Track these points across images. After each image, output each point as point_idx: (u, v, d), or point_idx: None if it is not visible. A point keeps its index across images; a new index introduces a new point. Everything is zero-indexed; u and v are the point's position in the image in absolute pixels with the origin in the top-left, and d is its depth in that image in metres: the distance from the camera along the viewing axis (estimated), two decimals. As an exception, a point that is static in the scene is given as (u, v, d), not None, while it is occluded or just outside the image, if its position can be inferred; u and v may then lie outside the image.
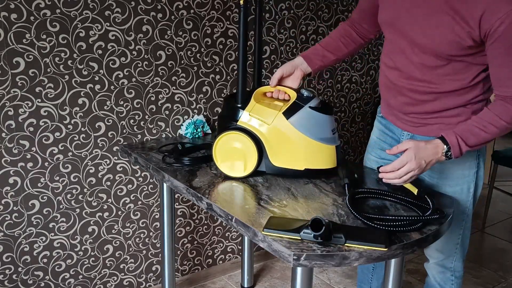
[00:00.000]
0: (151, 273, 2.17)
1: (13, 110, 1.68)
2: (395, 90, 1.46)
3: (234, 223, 1.24)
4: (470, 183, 1.48)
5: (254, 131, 1.45)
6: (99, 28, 1.78)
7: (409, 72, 1.39)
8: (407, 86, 1.41)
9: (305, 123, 1.43)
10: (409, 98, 1.43)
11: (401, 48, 1.39)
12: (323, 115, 1.45)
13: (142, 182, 2.03)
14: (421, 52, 1.35)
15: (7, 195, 1.75)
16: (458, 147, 1.29)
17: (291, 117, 1.43)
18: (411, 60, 1.38)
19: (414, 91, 1.41)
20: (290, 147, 1.44)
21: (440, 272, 1.62)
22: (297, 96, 1.47)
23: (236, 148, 1.47)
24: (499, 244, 2.86)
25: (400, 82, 1.43)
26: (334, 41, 1.60)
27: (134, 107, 1.93)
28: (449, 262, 1.59)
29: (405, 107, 1.46)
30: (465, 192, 1.49)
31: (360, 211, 1.20)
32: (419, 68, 1.37)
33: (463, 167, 1.46)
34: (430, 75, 1.36)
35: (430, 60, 1.34)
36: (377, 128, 1.67)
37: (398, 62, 1.42)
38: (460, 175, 1.47)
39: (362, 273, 1.84)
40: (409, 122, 1.49)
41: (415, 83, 1.39)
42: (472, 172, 1.47)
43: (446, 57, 1.32)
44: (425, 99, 1.41)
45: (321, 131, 1.45)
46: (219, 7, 2.04)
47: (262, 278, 2.42)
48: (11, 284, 1.83)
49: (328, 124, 1.46)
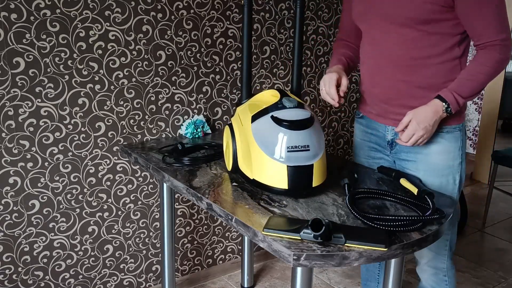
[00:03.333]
0: (151, 273, 2.17)
1: (13, 110, 1.68)
2: (378, 76, 1.51)
3: (234, 223, 1.24)
4: (455, 174, 1.53)
5: (234, 128, 1.48)
6: (99, 28, 1.78)
7: (388, 50, 1.46)
8: (389, 66, 1.47)
9: (260, 132, 1.34)
10: (392, 81, 1.48)
11: (378, 30, 1.47)
12: (279, 128, 1.30)
13: (142, 182, 2.03)
14: (397, 27, 1.42)
15: (7, 195, 1.75)
16: (455, 101, 1.40)
17: (254, 122, 1.37)
18: (388, 39, 1.45)
19: (397, 71, 1.46)
20: (248, 152, 1.39)
21: (433, 274, 1.62)
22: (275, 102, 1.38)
23: (227, 142, 1.54)
24: (499, 244, 2.86)
25: (382, 63, 1.49)
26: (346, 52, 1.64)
27: (134, 107, 1.93)
28: (440, 262, 1.60)
29: (390, 93, 1.50)
30: (451, 184, 1.53)
31: (360, 211, 1.20)
32: (399, 45, 1.43)
33: (447, 158, 1.51)
34: (409, 51, 1.43)
35: (406, 33, 1.41)
36: (359, 130, 1.70)
37: (377, 46, 1.49)
38: (445, 166, 1.51)
39: (367, 271, 1.83)
40: (392, 114, 1.52)
41: (396, 61, 1.45)
42: (457, 163, 1.52)
43: (420, 25, 1.38)
44: (408, 80, 1.46)
45: (272, 144, 1.30)
46: (219, 7, 2.04)
47: (262, 278, 2.42)
48: (11, 284, 1.83)
49: (285, 139, 1.29)
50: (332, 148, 2.69)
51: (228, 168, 1.53)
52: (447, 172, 1.52)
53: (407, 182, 1.39)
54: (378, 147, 1.64)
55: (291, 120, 1.31)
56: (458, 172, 1.53)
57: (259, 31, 2.19)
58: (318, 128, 1.37)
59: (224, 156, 1.60)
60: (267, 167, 1.32)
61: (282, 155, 1.30)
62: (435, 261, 1.60)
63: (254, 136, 1.35)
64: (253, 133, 1.35)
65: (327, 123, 2.61)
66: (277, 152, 1.30)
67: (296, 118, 1.32)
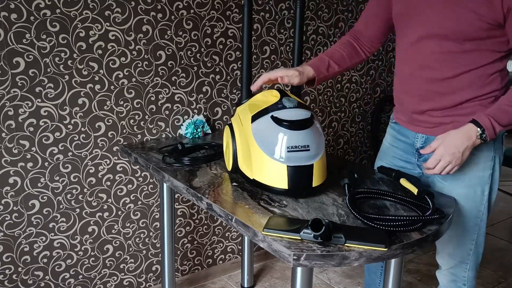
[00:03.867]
0: (151, 273, 2.17)
1: (13, 110, 1.68)
2: (411, 84, 1.44)
3: (234, 223, 1.24)
4: (484, 186, 1.44)
5: (234, 128, 1.47)
6: (99, 28, 1.78)
7: (425, 61, 1.38)
8: (424, 76, 1.39)
9: (260, 132, 1.34)
10: (425, 91, 1.40)
11: (417, 37, 1.38)
12: (279, 128, 1.30)
13: (142, 182, 2.03)
14: (437, 38, 1.33)
15: (7, 195, 1.75)
16: (492, 128, 1.29)
17: (254, 122, 1.37)
18: (427, 49, 1.36)
19: (431, 82, 1.38)
20: (248, 152, 1.39)
21: (452, 281, 1.56)
22: (275, 102, 1.38)
23: (227, 142, 1.53)
24: (499, 244, 2.86)
25: (417, 73, 1.41)
26: (337, 52, 1.58)
27: (134, 107, 1.93)
28: (461, 270, 1.54)
29: (421, 103, 1.43)
30: (478, 195, 1.44)
31: (360, 211, 1.20)
32: (436, 56, 1.35)
33: (477, 169, 1.41)
34: (447, 63, 1.35)
35: (447, 46, 1.33)
36: (390, 134, 1.63)
37: (413, 53, 1.40)
38: (473, 176, 1.42)
39: (369, 277, 1.80)
40: (424, 123, 1.46)
41: (432, 72, 1.37)
42: (487, 174, 1.43)
43: (463, 41, 1.30)
44: (442, 91, 1.38)
45: (272, 144, 1.31)
46: (219, 7, 2.04)
47: (262, 278, 2.42)
48: (11, 284, 1.83)
49: (285, 139, 1.30)
50: (332, 148, 2.69)
51: (228, 168, 1.53)
52: (475, 183, 1.43)
53: (407, 182, 1.39)
54: (404, 154, 1.57)
55: (291, 120, 1.31)
56: (488, 183, 1.44)
57: (259, 31, 2.19)
58: (318, 128, 1.37)
59: (224, 156, 1.60)
60: (267, 167, 1.32)
61: (282, 155, 1.30)
62: (457, 268, 1.54)
63: (254, 136, 1.35)
64: (253, 133, 1.35)
65: (327, 123, 2.61)
66: (277, 152, 1.30)
67: (296, 118, 1.32)
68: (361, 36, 1.62)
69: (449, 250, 1.53)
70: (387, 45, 2.74)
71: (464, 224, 1.47)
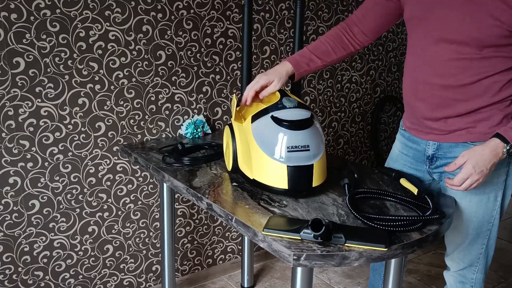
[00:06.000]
0: (151, 273, 2.17)
1: (13, 110, 1.68)
2: (424, 91, 1.38)
3: (234, 223, 1.24)
4: (498, 191, 1.41)
5: (234, 128, 1.47)
6: (99, 28, 1.78)
7: (441, 67, 1.33)
8: (439, 82, 1.34)
9: (260, 132, 1.34)
10: (441, 98, 1.35)
11: (432, 42, 1.33)
12: (279, 128, 1.31)
13: (142, 182, 2.03)
14: (455, 44, 1.29)
15: (7, 195, 1.75)
16: None
17: (254, 122, 1.37)
18: (444, 54, 1.32)
19: (446, 89, 1.34)
20: (248, 152, 1.39)
21: (460, 282, 1.55)
22: (275, 102, 1.38)
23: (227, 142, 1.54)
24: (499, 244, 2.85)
25: (431, 80, 1.35)
26: (322, 45, 1.53)
27: (134, 107, 1.93)
28: (470, 272, 1.52)
29: (436, 110, 1.38)
30: (491, 201, 1.42)
31: (360, 211, 1.20)
32: (453, 62, 1.31)
33: (491, 175, 1.35)
34: (464, 70, 1.30)
35: (465, 52, 1.28)
36: (399, 141, 1.58)
37: (429, 59, 1.35)
38: (487, 183, 1.37)
39: (374, 277, 1.78)
40: (436, 130, 1.41)
41: (448, 79, 1.33)
42: (501, 180, 1.40)
43: (482, 47, 1.27)
44: (458, 98, 1.34)
45: (272, 144, 1.31)
46: (219, 7, 2.04)
47: (262, 278, 2.42)
48: (11, 284, 1.83)
49: (285, 139, 1.30)
50: (332, 148, 2.69)
51: (228, 168, 1.53)
52: (489, 190, 1.40)
53: (407, 182, 1.39)
54: (414, 162, 1.52)
55: (291, 120, 1.31)
56: (501, 189, 1.41)
57: (259, 31, 2.19)
58: (318, 128, 1.37)
59: (224, 156, 1.60)
60: (267, 167, 1.32)
61: (282, 155, 1.30)
62: (466, 271, 1.53)
63: (254, 136, 1.35)
64: (253, 133, 1.35)
65: (327, 123, 2.61)
66: (277, 152, 1.30)
67: (296, 118, 1.32)
68: (354, 27, 1.55)
69: (460, 254, 1.51)
70: (387, 45, 2.74)
71: (476, 230, 1.46)
